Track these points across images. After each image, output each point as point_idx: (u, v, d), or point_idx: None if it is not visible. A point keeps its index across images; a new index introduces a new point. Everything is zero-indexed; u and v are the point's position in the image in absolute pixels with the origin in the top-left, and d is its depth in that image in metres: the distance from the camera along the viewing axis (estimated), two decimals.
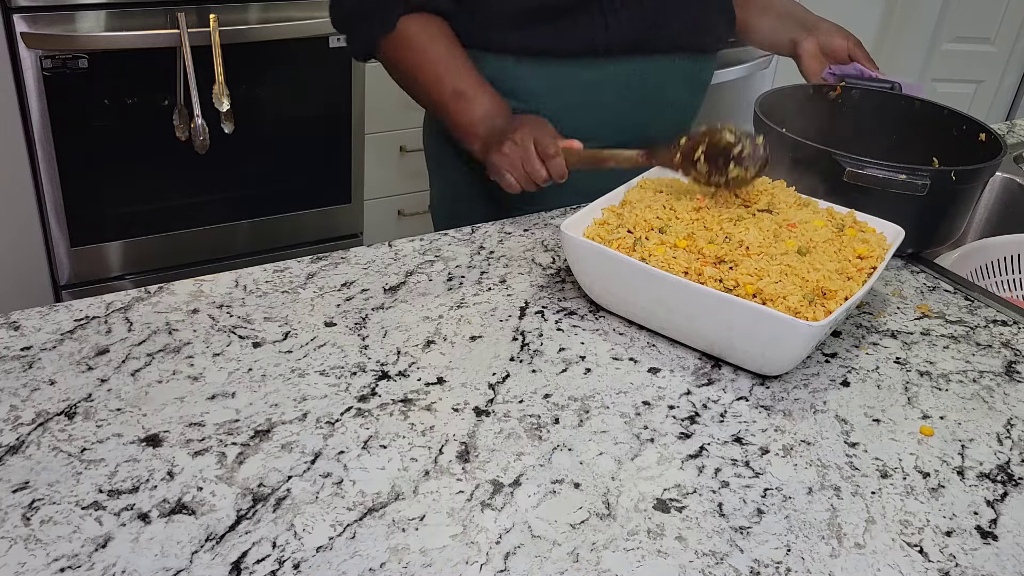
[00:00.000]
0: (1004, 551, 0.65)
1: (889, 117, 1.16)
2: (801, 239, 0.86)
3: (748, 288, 0.78)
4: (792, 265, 0.81)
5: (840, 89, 1.17)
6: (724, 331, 0.79)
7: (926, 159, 1.10)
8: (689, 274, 0.81)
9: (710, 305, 0.78)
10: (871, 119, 1.17)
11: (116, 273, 2.01)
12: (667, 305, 0.81)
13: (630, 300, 0.85)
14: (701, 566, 0.61)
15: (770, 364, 0.79)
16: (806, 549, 0.64)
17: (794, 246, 0.84)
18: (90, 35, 1.76)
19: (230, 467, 0.66)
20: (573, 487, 0.67)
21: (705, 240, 0.84)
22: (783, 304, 0.77)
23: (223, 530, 0.61)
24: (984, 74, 3.03)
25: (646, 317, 0.85)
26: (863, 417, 0.77)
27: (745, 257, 0.82)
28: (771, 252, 0.83)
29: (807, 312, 0.77)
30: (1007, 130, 1.52)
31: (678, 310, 0.81)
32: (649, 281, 0.80)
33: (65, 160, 1.83)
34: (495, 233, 1.03)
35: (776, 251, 0.83)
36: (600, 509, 0.65)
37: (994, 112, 3.11)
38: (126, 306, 0.84)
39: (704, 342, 0.82)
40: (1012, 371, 0.86)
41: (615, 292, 0.85)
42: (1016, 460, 0.74)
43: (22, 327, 0.80)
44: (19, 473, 0.64)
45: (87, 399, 0.72)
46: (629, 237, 0.86)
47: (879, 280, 1.00)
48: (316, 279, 0.91)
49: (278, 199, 2.12)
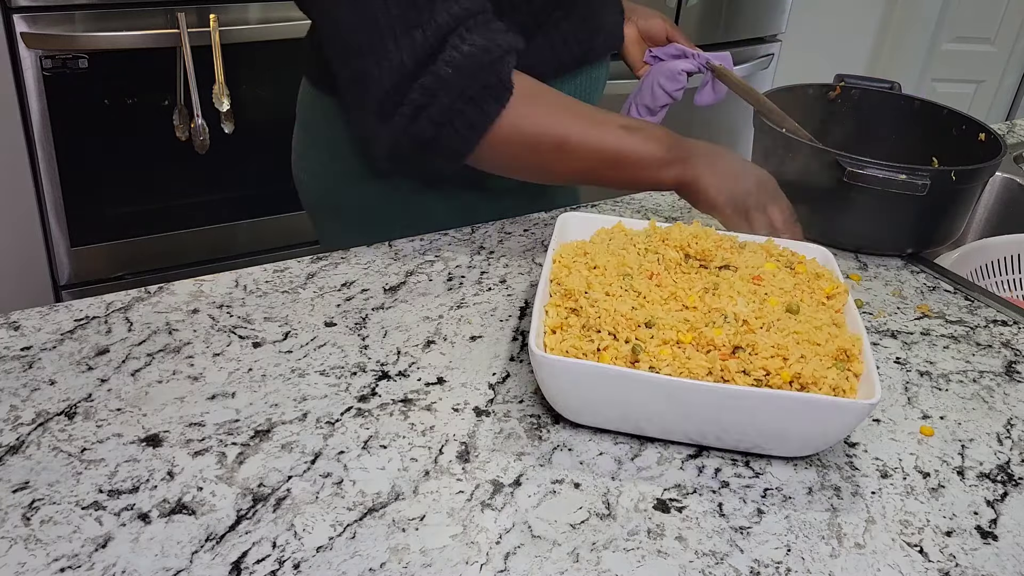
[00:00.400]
0: (1004, 551, 0.65)
1: (888, 117, 1.16)
2: (779, 294, 0.76)
3: (784, 376, 0.68)
4: (798, 331, 0.72)
5: (839, 89, 1.17)
6: (763, 427, 0.68)
7: (926, 159, 1.10)
8: (714, 374, 0.69)
9: (751, 405, 0.66)
10: (870, 119, 1.17)
11: (116, 273, 2.01)
12: (694, 415, 0.68)
13: (638, 416, 0.70)
14: (701, 566, 0.61)
15: (812, 446, 0.70)
16: (806, 549, 0.64)
17: (777, 304, 0.75)
18: (90, 35, 1.76)
19: (230, 467, 0.66)
20: (573, 487, 0.67)
21: (705, 323, 0.72)
22: (825, 384, 0.68)
23: (223, 530, 0.61)
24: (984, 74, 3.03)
25: (654, 428, 0.71)
26: None
27: (749, 334, 0.71)
28: (769, 321, 0.73)
29: (844, 385, 0.69)
30: (1007, 130, 1.52)
31: (708, 418, 0.68)
32: (675, 394, 0.67)
33: (65, 160, 1.83)
34: (495, 233, 1.03)
35: (771, 318, 0.73)
36: (600, 509, 0.65)
37: (994, 112, 3.11)
38: (126, 306, 0.84)
39: (731, 441, 0.71)
40: (1012, 371, 0.86)
41: (616, 410, 0.70)
42: (1016, 460, 0.74)
43: (22, 327, 0.80)
44: (19, 473, 0.64)
45: (87, 399, 0.72)
46: (618, 343, 0.71)
47: (879, 281, 1.00)
48: (316, 279, 0.91)
49: (278, 199, 2.12)
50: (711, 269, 0.80)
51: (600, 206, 1.12)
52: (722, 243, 0.82)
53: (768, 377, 0.69)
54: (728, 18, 2.45)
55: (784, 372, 0.68)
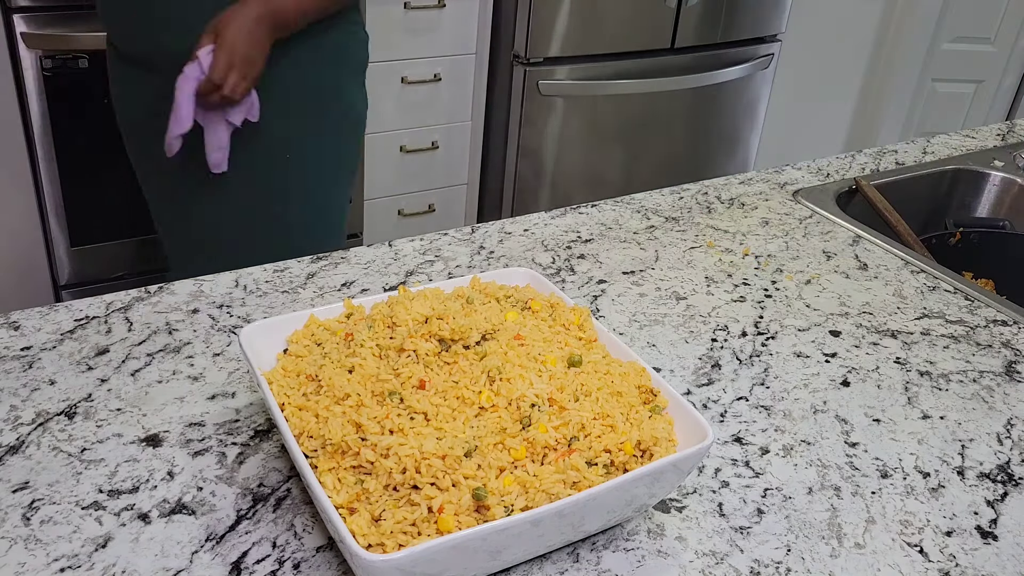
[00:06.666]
0: (1004, 551, 0.65)
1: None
2: (550, 349, 0.67)
3: (628, 449, 0.60)
4: (598, 387, 0.64)
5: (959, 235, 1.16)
6: (628, 507, 0.61)
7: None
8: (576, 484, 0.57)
9: (615, 496, 0.58)
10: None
11: (116, 273, 2.01)
12: (558, 530, 0.58)
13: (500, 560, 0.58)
14: (701, 566, 0.61)
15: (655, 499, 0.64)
16: (806, 549, 0.64)
17: (557, 363, 0.66)
18: (90, 35, 1.75)
19: (230, 467, 0.66)
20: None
21: (519, 421, 0.60)
22: (663, 440, 0.61)
23: (223, 530, 0.61)
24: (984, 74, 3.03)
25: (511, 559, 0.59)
26: (863, 417, 0.77)
27: (563, 411, 0.61)
28: (569, 389, 0.63)
29: (670, 431, 0.63)
30: (1007, 130, 1.52)
31: (573, 523, 0.59)
32: (544, 521, 0.55)
33: (65, 160, 1.83)
34: (495, 233, 1.03)
35: (566, 382, 0.64)
36: None
37: (994, 112, 3.11)
38: (126, 306, 0.84)
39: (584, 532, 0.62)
40: (1012, 371, 0.86)
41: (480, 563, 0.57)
42: (1016, 460, 0.74)
43: (22, 327, 0.80)
44: (19, 473, 0.64)
45: (87, 399, 0.72)
46: (448, 494, 0.55)
47: (879, 281, 1.00)
48: (316, 279, 0.91)
49: None
50: (473, 348, 0.66)
51: (600, 205, 1.12)
52: (459, 310, 0.68)
53: (611, 456, 0.60)
54: (728, 18, 2.46)
55: (626, 445, 0.60)
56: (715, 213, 1.13)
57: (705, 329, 0.88)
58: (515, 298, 0.74)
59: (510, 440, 0.59)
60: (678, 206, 1.14)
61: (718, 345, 0.86)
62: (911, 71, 2.97)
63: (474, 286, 0.75)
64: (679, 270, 0.99)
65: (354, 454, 0.57)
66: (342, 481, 0.57)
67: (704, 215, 1.12)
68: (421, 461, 0.56)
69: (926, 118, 3.08)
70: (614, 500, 0.58)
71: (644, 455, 0.61)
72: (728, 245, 1.05)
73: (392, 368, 0.63)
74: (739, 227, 1.10)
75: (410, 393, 0.61)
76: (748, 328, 0.89)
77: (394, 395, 0.61)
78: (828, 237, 1.09)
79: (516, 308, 0.72)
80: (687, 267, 0.99)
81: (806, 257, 1.04)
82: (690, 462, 0.60)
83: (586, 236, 1.05)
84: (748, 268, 1.00)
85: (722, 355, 0.84)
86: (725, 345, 0.86)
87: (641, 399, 0.66)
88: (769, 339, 0.87)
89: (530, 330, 0.69)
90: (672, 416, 0.65)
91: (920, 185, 1.31)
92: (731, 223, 1.11)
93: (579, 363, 0.66)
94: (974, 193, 1.33)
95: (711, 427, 0.62)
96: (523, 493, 0.57)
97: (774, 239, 1.08)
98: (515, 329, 0.68)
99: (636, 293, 0.94)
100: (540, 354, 0.66)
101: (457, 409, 0.61)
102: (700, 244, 1.05)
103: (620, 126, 2.44)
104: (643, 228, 1.08)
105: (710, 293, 0.95)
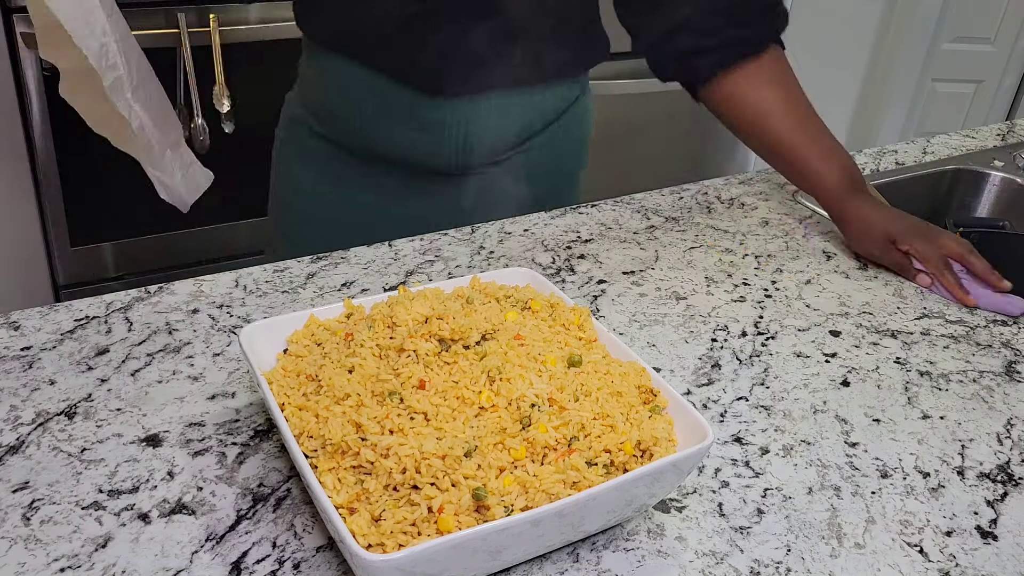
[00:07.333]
0: (1004, 551, 0.65)
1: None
2: (550, 349, 0.68)
3: (628, 449, 0.60)
4: (598, 387, 0.64)
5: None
6: (628, 507, 0.62)
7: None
8: (576, 484, 0.58)
9: (615, 495, 0.58)
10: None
11: (116, 273, 2.01)
12: (558, 530, 0.58)
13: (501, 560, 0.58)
14: (701, 566, 0.61)
15: (658, 497, 0.64)
16: (806, 549, 0.64)
17: (557, 363, 0.66)
18: None
19: (230, 467, 0.66)
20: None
21: (519, 422, 0.61)
22: (662, 440, 0.62)
23: (223, 530, 0.61)
24: (984, 74, 3.03)
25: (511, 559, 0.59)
26: (863, 417, 0.77)
27: (563, 412, 0.62)
28: (569, 389, 0.63)
29: (670, 431, 0.64)
30: (1007, 130, 1.52)
31: (573, 524, 0.59)
32: (544, 521, 0.55)
33: (65, 160, 1.83)
34: (495, 233, 1.03)
35: (567, 382, 0.64)
36: None
37: (994, 112, 3.11)
38: (126, 306, 0.84)
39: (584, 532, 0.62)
40: (1012, 371, 0.86)
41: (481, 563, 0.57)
42: (1016, 460, 0.74)
43: (22, 327, 0.80)
44: (19, 473, 0.64)
45: (87, 399, 0.72)
46: (447, 494, 0.56)
47: (879, 281, 1.00)
48: (316, 279, 0.91)
49: None
50: (473, 348, 0.66)
51: (600, 205, 1.13)
52: (459, 310, 0.68)
53: (611, 456, 0.60)
54: None
55: (626, 445, 0.60)
56: (715, 213, 1.13)
57: (705, 329, 0.88)
58: (515, 298, 0.74)
59: (510, 440, 0.59)
60: (678, 206, 1.14)
61: (718, 345, 0.86)
62: (911, 71, 2.97)
63: (474, 286, 0.75)
64: (679, 270, 0.99)
65: (354, 454, 0.58)
66: (342, 481, 0.57)
67: (704, 215, 1.12)
68: (421, 461, 0.56)
69: (926, 118, 3.08)
70: (614, 500, 0.58)
71: (644, 455, 0.61)
72: (728, 245, 1.05)
73: (392, 368, 0.63)
74: (739, 227, 1.10)
75: (410, 393, 0.61)
76: (748, 328, 0.89)
77: (394, 395, 0.61)
78: (828, 237, 1.09)
79: (516, 308, 0.72)
80: (687, 267, 0.99)
81: (806, 257, 1.04)
82: (690, 462, 0.61)
83: (586, 236, 1.05)
84: (748, 268, 1.00)
85: (722, 355, 0.84)
86: (725, 345, 0.86)
87: (641, 399, 0.66)
88: (769, 339, 0.87)
89: (530, 330, 0.69)
90: (672, 416, 0.65)
91: (920, 185, 1.31)
92: (731, 223, 1.11)
93: (579, 363, 0.66)
94: (974, 193, 1.33)
95: (711, 427, 0.62)
96: (523, 493, 0.57)
97: (774, 239, 1.08)
98: (515, 329, 0.68)
99: (636, 293, 0.94)
100: (540, 354, 0.66)
101: (457, 409, 0.61)
102: (700, 244, 1.05)
103: (619, 126, 2.44)
104: (643, 228, 1.08)
105: (710, 293, 0.95)
